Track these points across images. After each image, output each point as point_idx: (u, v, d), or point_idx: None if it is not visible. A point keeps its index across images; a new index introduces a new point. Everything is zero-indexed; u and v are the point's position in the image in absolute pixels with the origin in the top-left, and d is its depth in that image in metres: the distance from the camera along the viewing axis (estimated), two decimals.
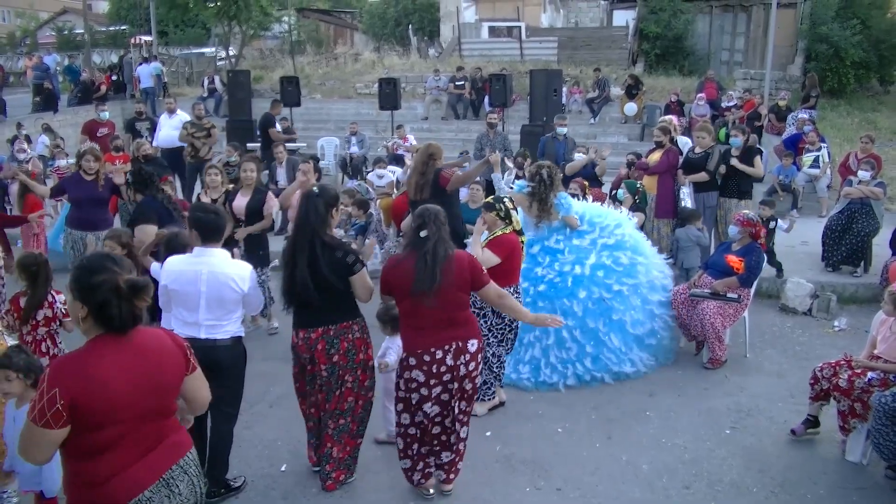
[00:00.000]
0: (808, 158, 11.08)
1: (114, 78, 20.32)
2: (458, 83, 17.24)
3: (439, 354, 3.83)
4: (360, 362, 4.04)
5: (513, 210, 5.01)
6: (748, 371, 5.93)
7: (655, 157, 7.92)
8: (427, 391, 3.87)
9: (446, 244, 3.84)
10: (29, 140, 12.09)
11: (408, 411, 3.99)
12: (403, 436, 4.05)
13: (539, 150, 9.39)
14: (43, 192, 7.59)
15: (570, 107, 16.28)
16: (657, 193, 7.86)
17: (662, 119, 9.44)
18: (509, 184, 6.21)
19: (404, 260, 3.88)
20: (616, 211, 6.40)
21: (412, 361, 3.87)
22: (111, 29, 32.86)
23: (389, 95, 13.62)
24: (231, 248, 5.01)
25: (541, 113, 11.46)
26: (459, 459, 4.13)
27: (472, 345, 3.89)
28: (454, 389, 3.88)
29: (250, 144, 12.01)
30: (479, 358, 3.94)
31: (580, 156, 8.77)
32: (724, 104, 14.79)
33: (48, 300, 4.55)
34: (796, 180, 10.98)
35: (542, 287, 5.60)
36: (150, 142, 10.41)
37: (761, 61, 18.05)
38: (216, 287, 3.81)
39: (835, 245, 7.96)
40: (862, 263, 7.87)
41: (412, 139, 12.42)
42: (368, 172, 11.10)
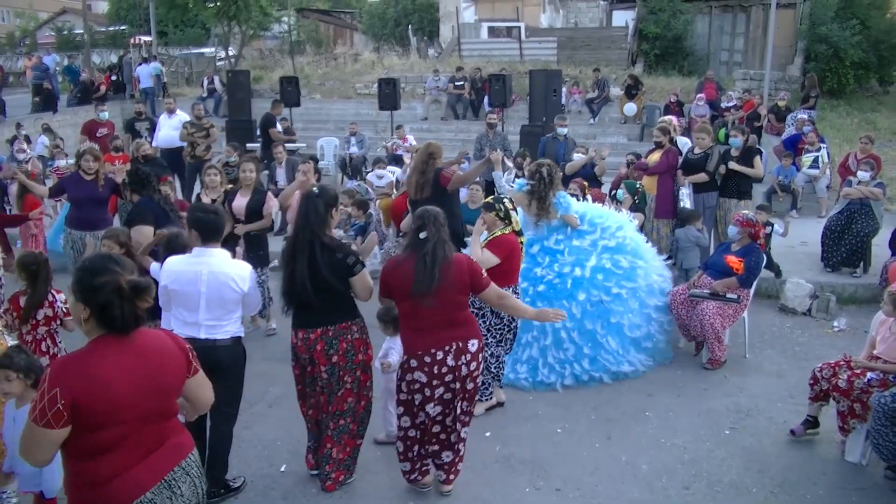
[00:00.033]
0: (808, 159, 11.09)
1: (113, 78, 20.33)
2: (458, 83, 17.25)
3: (440, 355, 3.83)
4: (360, 363, 4.04)
5: (512, 210, 5.01)
6: (748, 371, 5.93)
7: (655, 158, 7.92)
8: (430, 391, 3.87)
9: (446, 246, 3.85)
10: (28, 140, 12.08)
11: (409, 413, 3.99)
12: (404, 438, 4.06)
13: (539, 151, 9.39)
14: (42, 192, 7.59)
15: (570, 107, 16.28)
16: (657, 194, 7.86)
17: (662, 119, 9.44)
18: (510, 182, 6.20)
19: (404, 261, 3.89)
20: (618, 213, 6.40)
21: (413, 363, 3.87)
22: (111, 29, 32.87)
23: (389, 96, 13.62)
24: (231, 248, 5.01)
25: (540, 113, 11.45)
26: (459, 460, 4.13)
27: (473, 345, 3.90)
28: (457, 389, 3.88)
29: (250, 145, 12.01)
30: (480, 358, 3.95)
31: (579, 156, 8.77)
32: (724, 104, 14.81)
33: (48, 299, 4.54)
34: (796, 181, 10.99)
35: (542, 287, 5.60)
36: (150, 142, 10.40)
37: (761, 62, 18.07)
38: (216, 287, 3.81)
39: (834, 245, 7.96)
40: (861, 264, 7.87)
41: (412, 139, 12.41)
42: (368, 173, 11.11)
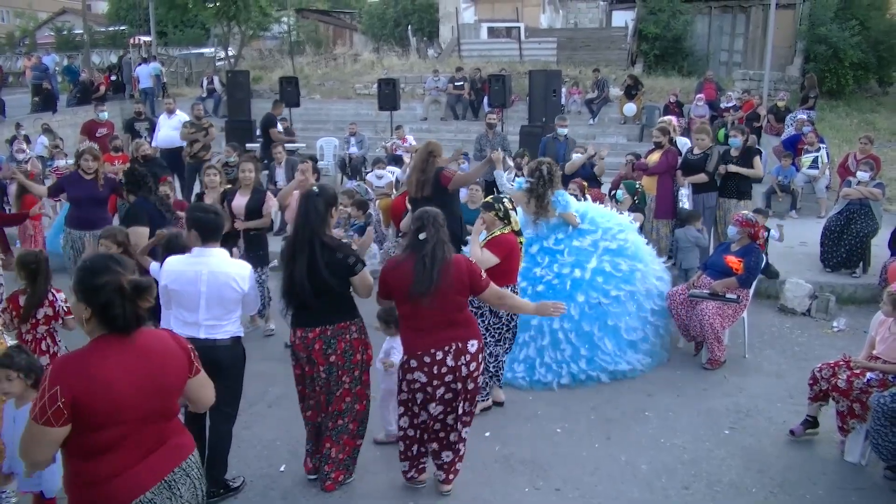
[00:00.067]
0: (807, 159, 11.10)
1: (113, 78, 20.32)
2: (458, 84, 17.25)
3: (439, 355, 3.83)
4: (358, 363, 4.03)
5: (511, 210, 5.00)
6: (747, 371, 5.93)
7: (654, 158, 7.92)
8: (431, 391, 3.87)
9: (445, 246, 3.85)
10: (28, 140, 12.06)
11: (409, 413, 3.99)
12: (404, 438, 4.07)
13: (540, 151, 9.39)
14: (40, 192, 7.58)
15: (570, 107, 16.29)
16: (656, 194, 7.87)
17: (661, 120, 9.44)
18: (510, 181, 6.21)
19: (403, 262, 3.89)
20: (620, 215, 6.40)
21: (413, 363, 3.88)
22: (110, 29, 32.87)
23: (388, 96, 13.62)
24: (230, 248, 5.00)
25: (540, 113, 11.46)
26: (459, 460, 4.13)
27: (472, 345, 3.90)
28: (459, 389, 3.88)
29: (249, 145, 12.01)
30: (480, 358, 3.95)
31: (579, 156, 8.77)
32: (723, 105, 14.82)
33: (48, 298, 4.52)
34: (795, 181, 11.00)
35: (541, 287, 5.60)
36: (149, 142, 10.39)
37: (760, 62, 18.08)
38: (216, 287, 3.81)
39: (834, 246, 7.95)
40: (861, 264, 7.87)
41: (411, 140, 12.41)
42: (367, 173, 11.10)
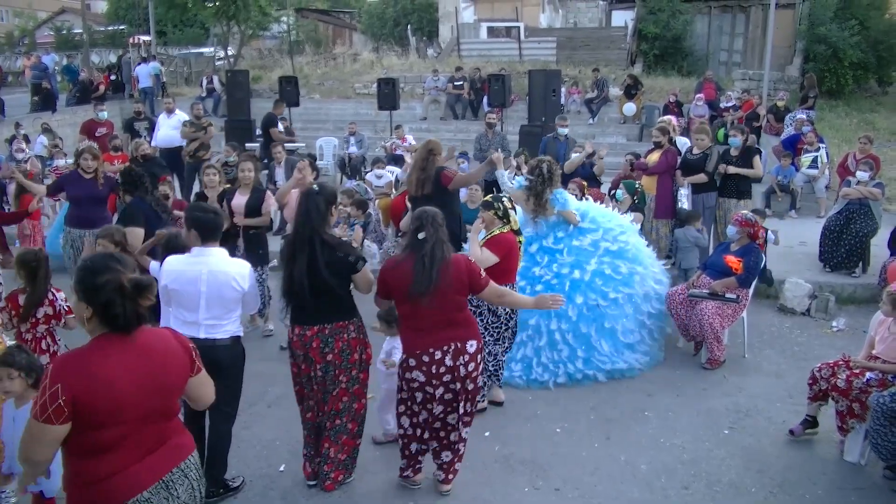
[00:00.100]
0: (807, 159, 11.10)
1: (112, 78, 20.30)
2: (457, 83, 17.24)
3: (438, 355, 3.83)
4: (355, 362, 4.03)
5: (511, 209, 5.01)
6: (747, 371, 5.93)
7: (654, 158, 7.92)
8: (430, 391, 3.88)
9: (444, 246, 3.85)
10: (27, 140, 12.05)
11: (409, 413, 4.00)
12: (403, 436, 4.08)
13: (540, 150, 9.38)
14: (40, 191, 7.59)
15: (569, 107, 16.29)
16: (656, 194, 7.87)
17: (661, 119, 9.44)
18: (511, 180, 6.21)
19: (403, 262, 3.89)
20: (622, 216, 6.39)
21: (412, 362, 3.88)
22: (110, 29, 32.87)
23: (388, 95, 13.62)
24: (231, 246, 5.00)
25: (539, 113, 11.47)
26: (458, 460, 4.14)
27: (471, 345, 3.89)
28: (458, 390, 3.88)
29: (249, 144, 12.00)
30: (479, 359, 3.95)
31: (578, 155, 8.77)
32: (723, 105, 14.82)
33: (48, 297, 4.51)
34: (795, 181, 11.00)
35: (539, 287, 5.59)
36: (149, 142, 10.39)
37: (760, 62, 18.08)
38: (216, 286, 3.81)
39: (833, 246, 7.96)
40: (860, 264, 7.87)
41: (411, 139, 12.42)
42: (367, 172, 11.10)
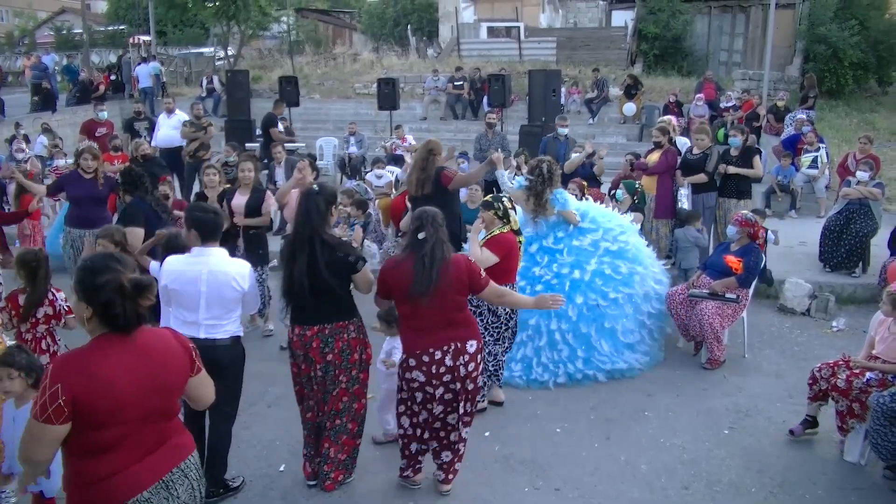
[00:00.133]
0: (807, 159, 11.10)
1: (112, 78, 20.30)
2: (457, 83, 17.24)
3: (438, 355, 3.83)
4: (355, 362, 4.03)
5: (511, 209, 5.01)
6: (747, 371, 5.93)
7: (654, 158, 7.92)
8: (430, 391, 3.88)
9: (444, 246, 3.85)
10: (27, 140, 12.06)
11: (409, 413, 4.00)
12: (403, 436, 4.08)
13: (540, 150, 9.38)
14: (40, 191, 7.59)
15: (569, 107, 16.28)
16: (656, 194, 7.87)
17: (661, 119, 9.44)
18: (511, 180, 6.21)
19: (403, 262, 3.89)
20: (622, 216, 6.39)
21: (412, 362, 3.88)
22: (110, 29, 32.87)
23: (388, 95, 13.62)
24: (230, 247, 5.00)
25: (539, 113, 11.47)
26: (458, 460, 4.14)
27: (471, 346, 3.89)
28: (458, 390, 3.88)
29: (249, 144, 12.00)
30: (479, 359, 3.95)
31: (578, 155, 8.77)
32: (723, 105, 14.82)
33: (48, 297, 4.51)
34: (795, 181, 11.00)
35: (539, 287, 5.59)
36: (149, 142, 10.39)
37: (760, 62, 18.08)
38: (216, 286, 3.81)
39: (833, 246, 7.95)
40: (860, 264, 7.87)
41: (411, 139, 12.42)
42: (367, 172, 11.10)
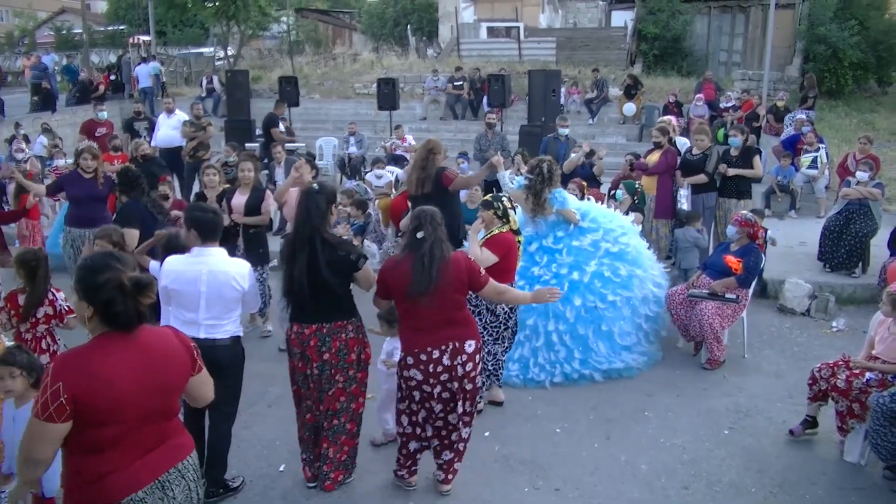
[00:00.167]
0: (807, 159, 11.10)
1: (112, 78, 20.30)
2: (457, 83, 17.25)
3: (436, 354, 3.83)
4: (353, 362, 4.02)
5: (510, 209, 5.01)
6: (747, 371, 5.93)
7: (654, 158, 7.92)
8: (429, 389, 3.88)
9: (443, 245, 3.85)
10: (27, 140, 12.07)
11: (408, 412, 4.00)
12: (402, 435, 4.08)
13: (541, 151, 9.38)
14: (39, 191, 7.58)
15: (569, 107, 16.29)
16: (656, 194, 7.87)
17: (661, 120, 9.45)
18: (511, 180, 6.22)
19: (402, 261, 3.89)
20: (624, 217, 6.39)
21: (410, 361, 3.88)
22: (109, 29, 32.87)
23: (388, 95, 13.62)
24: (231, 246, 5.00)
25: (539, 113, 11.47)
26: (458, 459, 4.13)
27: (470, 345, 3.89)
28: (456, 389, 3.88)
29: (249, 144, 12.00)
30: (477, 359, 3.94)
31: (576, 154, 8.77)
32: (723, 105, 14.83)
33: (48, 297, 4.50)
34: (794, 181, 11.00)
35: (538, 288, 5.59)
36: (149, 142, 10.39)
37: (759, 62, 18.09)
38: (216, 286, 3.81)
39: (833, 246, 7.95)
40: (860, 264, 7.87)
41: (410, 139, 12.42)
42: (367, 172, 11.10)
